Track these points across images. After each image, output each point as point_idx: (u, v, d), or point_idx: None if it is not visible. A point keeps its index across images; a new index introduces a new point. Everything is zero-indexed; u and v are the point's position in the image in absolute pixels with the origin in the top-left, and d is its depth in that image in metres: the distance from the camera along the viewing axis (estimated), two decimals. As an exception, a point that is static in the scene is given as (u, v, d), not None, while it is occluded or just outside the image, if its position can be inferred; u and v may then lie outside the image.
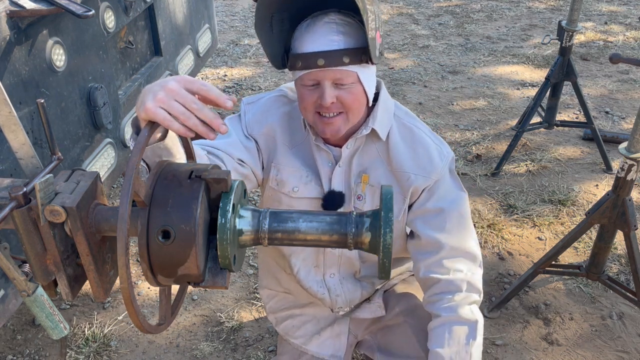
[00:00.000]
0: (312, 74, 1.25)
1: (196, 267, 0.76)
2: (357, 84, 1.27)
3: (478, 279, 1.46)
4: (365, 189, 1.44)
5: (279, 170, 1.45)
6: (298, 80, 1.30)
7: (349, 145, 1.40)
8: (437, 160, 1.41)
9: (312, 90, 1.27)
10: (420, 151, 1.42)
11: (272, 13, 1.24)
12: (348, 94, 1.26)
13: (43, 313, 0.94)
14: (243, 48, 5.23)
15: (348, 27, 1.24)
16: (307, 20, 1.27)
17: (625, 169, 1.97)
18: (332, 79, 1.24)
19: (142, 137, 0.76)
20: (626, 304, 2.37)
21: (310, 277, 1.61)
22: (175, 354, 2.22)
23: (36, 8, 1.59)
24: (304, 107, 1.31)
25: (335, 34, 1.23)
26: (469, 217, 1.46)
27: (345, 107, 1.28)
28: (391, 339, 1.66)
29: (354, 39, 1.24)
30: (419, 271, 1.46)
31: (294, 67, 1.28)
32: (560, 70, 3.04)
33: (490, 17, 5.83)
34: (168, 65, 2.72)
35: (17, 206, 0.74)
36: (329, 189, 1.44)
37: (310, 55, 1.23)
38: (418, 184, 1.41)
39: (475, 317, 1.44)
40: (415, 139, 1.42)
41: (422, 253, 1.45)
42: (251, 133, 1.44)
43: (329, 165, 1.43)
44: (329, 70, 1.23)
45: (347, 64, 1.23)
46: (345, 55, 1.22)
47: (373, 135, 1.40)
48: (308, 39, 1.24)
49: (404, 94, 4.24)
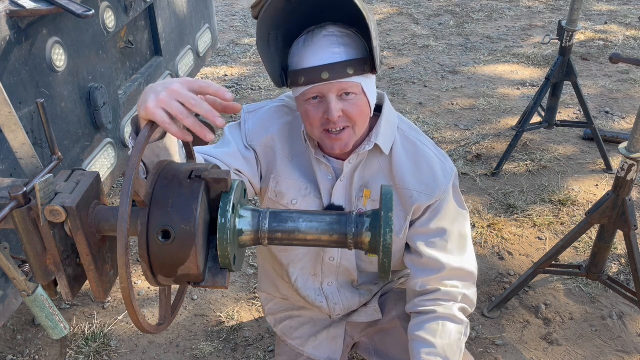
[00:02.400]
0: (316, 88, 1.22)
1: (196, 267, 0.76)
2: (361, 95, 1.25)
3: (473, 294, 1.49)
4: (367, 203, 1.42)
5: (278, 183, 1.44)
6: (301, 97, 1.27)
7: (351, 160, 1.38)
8: (441, 178, 1.40)
9: (316, 106, 1.25)
10: (424, 167, 1.40)
11: (269, 31, 1.22)
12: (353, 106, 1.24)
13: (43, 313, 0.94)
14: (243, 48, 5.23)
15: (348, 39, 1.23)
16: (303, 36, 1.25)
17: (625, 169, 1.97)
18: (337, 92, 1.23)
19: (142, 137, 0.76)
20: (626, 304, 2.37)
21: (308, 285, 1.60)
22: (175, 354, 2.22)
23: (36, 8, 1.59)
24: (310, 125, 1.29)
25: (337, 46, 1.21)
26: (469, 235, 1.48)
27: (352, 121, 1.26)
28: (387, 343, 1.66)
29: (355, 49, 1.23)
30: (416, 285, 1.46)
31: (297, 84, 1.25)
32: (560, 70, 3.04)
33: (490, 17, 5.83)
34: (168, 65, 2.72)
35: (17, 206, 0.74)
36: (329, 202, 1.43)
37: (314, 69, 1.21)
38: (421, 202, 1.40)
39: (467, 321, 1.46)
40: (419, 154, 1.40)
41: (422, 270, 1.45)
42: (250, 143, 1.42)
43: (329, 179, 1.42)
44: (333, 83, 1.21)
45: (352, 76, 1.21)
46: (349, 67, 1.20)
47: (376, 149, 1.38)
48: (309, 53, 1.22)
49: (404, 94, 4.24)
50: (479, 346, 2.21)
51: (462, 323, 1.45)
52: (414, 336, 1.44)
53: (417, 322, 1.46)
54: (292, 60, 1.26)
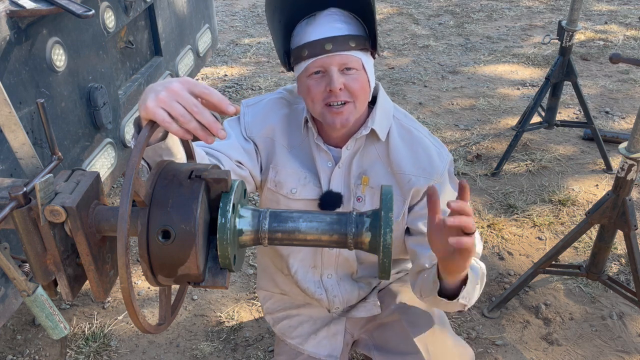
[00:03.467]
0: (319, 60, 1.26)
1: (196, 267, 0.76)
2: (362, 72, 1.29)
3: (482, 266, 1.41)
4: (365, 190, 1.44)
5: (277, 172, 1.45)
6: (303, 73, 1.31)
7: (349, 146, 1.40)
8: (437, 162, 1.42)
9: (318, 80, 1.29)
10: (420, 152, 1.42)
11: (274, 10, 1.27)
12: (354, 81, 1.28)
13: (43, 313, 0.94)
14: (243, 48, 5.23)
15: (349, 19, 1.29)
16: (305, 19, 1.30)
17: (625, 169, 1.97)
18: (339, 64, 1.27)
19: (142, 136, 0.76)
20: (626, 304, 2.37)
21: (308, 277, 1.61)
22: (175, 354, 2.22)
23: (36, 8, 1.59)
24: (311, 99, 1.31)
25: (339, 22, 1.27)
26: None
27: (353, 95, 1.29)
28: (387, 336, 1.65)
29: (356, 28, 1.28)
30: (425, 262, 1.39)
31: (300, 58, 1.29)
32: (560, 70, 3.04)
33: (490, 17, 5.83)
34: (168, 65, 2.72)
35: (17, 206, 0.74)
36: (328, 189, 1.44)
37: (317, 42, 1.26)
38: (419, 185, 1.41)
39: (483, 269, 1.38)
40: (414, 140, 1.43)
41: (427, 247, 1.39)
42: (250, 135, 1.44)
43: (328, 166, 1.43)
44: (336, 55, 1.25)
45: (354, 49, 1.26)
46: (351, 40, 1.26)
47: (373, 136, 1.40)
48: (312, 29, 1.27)
49: (404, 94, 4.24)
50: (479, 346, 2.21)
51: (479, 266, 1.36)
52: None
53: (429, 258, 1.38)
54: (294, 40, 1.31)
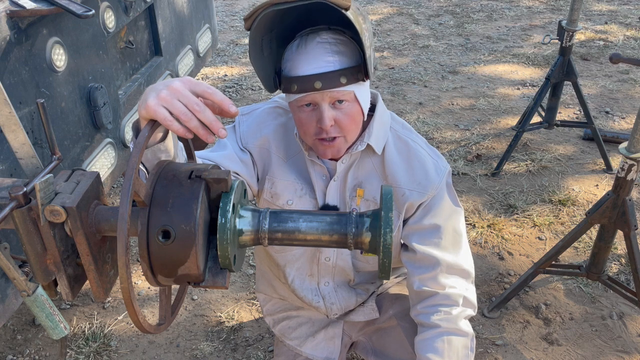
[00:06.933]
0: (309, 96, 1.22)
1: (196, 267, 0.76)
2: (354, 103, 1.25)
3: (472, 294, 1.47)
4: (360, 203, 1.43)
5: (273, 184, 1.44)
6: (294, 102, 1.27)
7: (344, 160, 1.38)
8: (434, 175, 1.40)
9: (309, 114, 1.26)
10: (416, 165, 1.39)
11: (262, 36, 1.21)
12: (345, 115, 1.25)
13: (43, 313, 0.93)
14: (243, 48, 5.23)
15: (342, 46, 1.21)
16: (297, 40, 1.24)
17: (625, 169, 1.97)
18: (330, 100, 1.23)
19: (143, 136, 0.76)
20: (626, 304, 2.37)
21: (305, 286, 1.60)
22: (175, 354, 2.22)
23: (36, 8, 1.59)
24: (304, 132, 1.30)
25: (330, 55, 1.20)
26: (464, 233, 1.46)
27: (343, 130, 1.27)
28: (385, 342, 1.66)
29: (349, 57, 1.22)
30: (413, 284, 1.45)
31: (289, 91, 1.24)
32: (561, 70, 3.04)
33: (490, 17, 5.83)
34: (168, 65, 2.72)
35: (17, 206, 0.74)
36: (324, 202, 1.43)
37: (307, 78, 1.20)
38: (413, 200, 1.40)
39: (472, 332, 1.45)
40: (411, 152, 1.41)
41: (418, 267, 1.44)
42: (246, 145, 1.43)
43: (323, 179, 1.42)
44: (326, 92, 1.21)
45: (345, 85, 1.21)
46: (342, 76, 1.20)
47: (369, 150, 1.38)
48: (302, 60, 1.21)
49: (404, 94, 4.24)
50: (479, 346, 2.21)
51: (467, 335, 1.43)
52: (421, 357, 1.42)
53: (422, 339, 1.44)
54: (285, 65, 1.26)
